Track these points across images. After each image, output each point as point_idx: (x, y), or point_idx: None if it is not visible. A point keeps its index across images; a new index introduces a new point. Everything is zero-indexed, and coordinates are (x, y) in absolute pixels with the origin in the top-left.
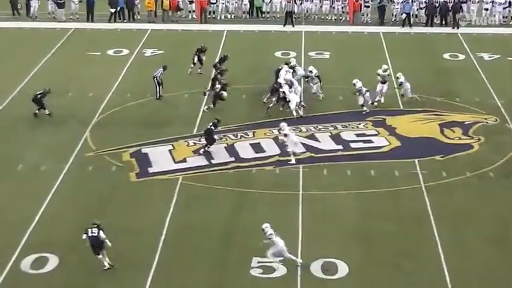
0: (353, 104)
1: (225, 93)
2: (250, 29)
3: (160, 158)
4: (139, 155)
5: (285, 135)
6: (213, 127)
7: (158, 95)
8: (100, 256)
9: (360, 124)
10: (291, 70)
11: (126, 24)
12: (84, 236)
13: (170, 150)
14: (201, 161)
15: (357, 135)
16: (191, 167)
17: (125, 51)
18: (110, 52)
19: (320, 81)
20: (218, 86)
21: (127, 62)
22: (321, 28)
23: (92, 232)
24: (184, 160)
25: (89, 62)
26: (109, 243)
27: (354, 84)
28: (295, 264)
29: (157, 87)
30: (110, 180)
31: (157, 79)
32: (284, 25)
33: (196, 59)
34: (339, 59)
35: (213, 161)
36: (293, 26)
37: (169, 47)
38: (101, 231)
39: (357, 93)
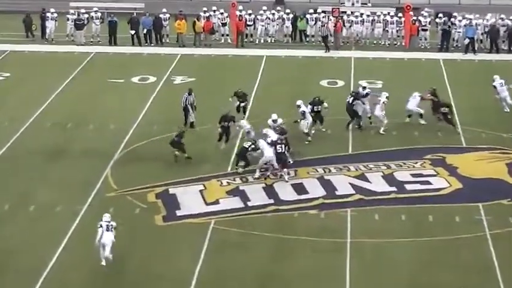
0: (408, 140)
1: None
2: (293, 55)
3: (190, 199)
4: (166, 195)
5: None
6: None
7: (185, 123)
8: None
9: (416, 163)
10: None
11: (153, 48)
12: None
13: (201, 191)
14: (236, 203)
15: (413, 175)
16: (224, 210)
17: (152, 79)
18: (135, 79)
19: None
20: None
21: (154, 90)
22: (373, 54)
23: None
24: (217, 202)
25: (112, 90)
26: None
27: None
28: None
29: (185, 114)
30: (133, 223)
31: (183, 106)
32: (326, 50)
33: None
34: (393, 88)
35: (249, 203)
36: (328, 51)
37: (200, 74)
38: None
39: None
